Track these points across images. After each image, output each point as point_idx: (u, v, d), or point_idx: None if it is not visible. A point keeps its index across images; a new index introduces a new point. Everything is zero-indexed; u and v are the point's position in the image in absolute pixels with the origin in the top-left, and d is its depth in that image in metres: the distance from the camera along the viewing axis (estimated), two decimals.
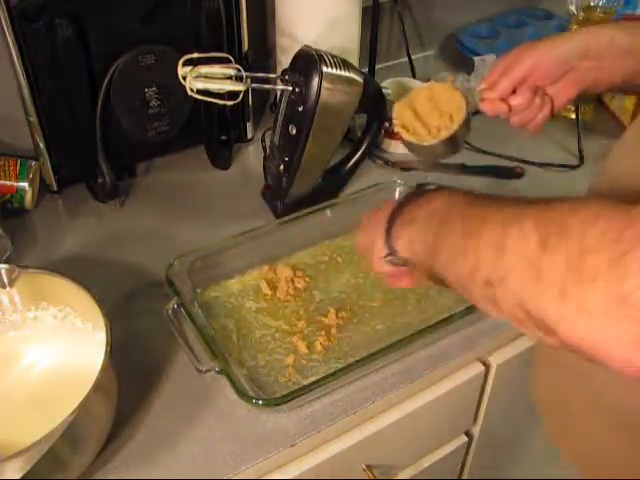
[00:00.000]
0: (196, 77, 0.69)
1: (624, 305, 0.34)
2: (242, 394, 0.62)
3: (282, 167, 0.83)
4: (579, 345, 0.38)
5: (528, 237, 0.40)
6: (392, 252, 0.56)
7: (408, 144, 0.73)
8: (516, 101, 0.69)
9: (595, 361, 0.37)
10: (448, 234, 0.49)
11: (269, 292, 0.76)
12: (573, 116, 1.05)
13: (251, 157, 1.00)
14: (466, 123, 0.71)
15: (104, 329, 0.58)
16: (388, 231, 0.57)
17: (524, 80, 0.68)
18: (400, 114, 0.74)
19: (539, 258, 0.39)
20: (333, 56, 0.77)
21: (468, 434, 0.88)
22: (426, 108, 0.73)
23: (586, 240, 0.37)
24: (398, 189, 0.86)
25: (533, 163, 0.99)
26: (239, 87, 0.71)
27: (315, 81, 0.75)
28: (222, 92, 0.71)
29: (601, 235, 0.36)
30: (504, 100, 0.69)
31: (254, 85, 0.73)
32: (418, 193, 0.56)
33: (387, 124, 0.88)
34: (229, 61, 0.72)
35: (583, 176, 0.97)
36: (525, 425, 0.96)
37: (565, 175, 0.98)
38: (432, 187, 0.57)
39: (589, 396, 0.60)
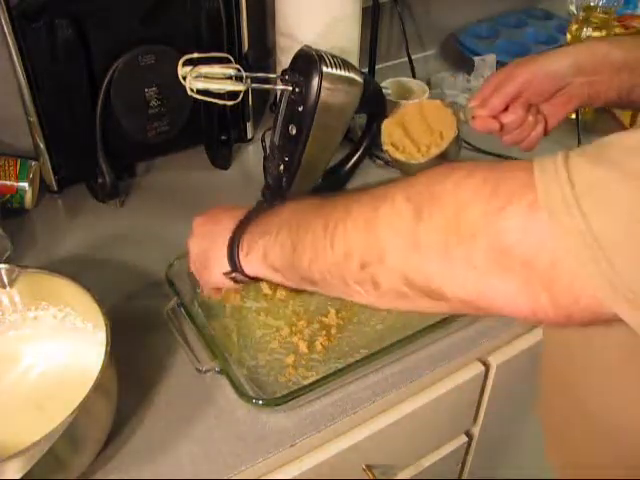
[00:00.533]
0: (196, 77, 0.69)
1: (507, 258, 0.35)
2: (242, 394, 0.62)
3: (282, 167, 0.83)
4: (471, 302, 0.38)
5: (401, 211, 0.40)
6: (236, 268, 0.55)
7: (397, 162, 0.73)
8: (508, 119, 0.68)
9: (492, 314, 0.38)
10: (308, 234, 0.48)
11: (269, 292, 0.76)
12: (573, 116, 1.05)
13: (251, 157, 1.00)
14: (456, 141, 0.70)
15: (104, 329, 0.58)
16: (231, 246, 0.55)
17: (516, 97, 0.67)
18: (390, 132, 0.73)
19: (415, 228, 0.39)
20: (333, 56, 0.77)
21: (468, 434, 0.88)
22: (416, 126, 0.72)
23: (460, 198, 0.37)
24: None
25: None
26: (239, 87, 0.71)
27: (315, 81, 0.75)
28: (222, 92, 0.71)
29: (474, 190, 0.37)
30: (496, 117, 0.68)
31: (254, 85, 0.73)
32: (264, 207, 0.56)
33: None
34: (229, 61, 0.72)
35: None
36: (525, 425, 0.96)
37: None
38: (277, 202, 0.56)
39: (590, 419, 0.59)
